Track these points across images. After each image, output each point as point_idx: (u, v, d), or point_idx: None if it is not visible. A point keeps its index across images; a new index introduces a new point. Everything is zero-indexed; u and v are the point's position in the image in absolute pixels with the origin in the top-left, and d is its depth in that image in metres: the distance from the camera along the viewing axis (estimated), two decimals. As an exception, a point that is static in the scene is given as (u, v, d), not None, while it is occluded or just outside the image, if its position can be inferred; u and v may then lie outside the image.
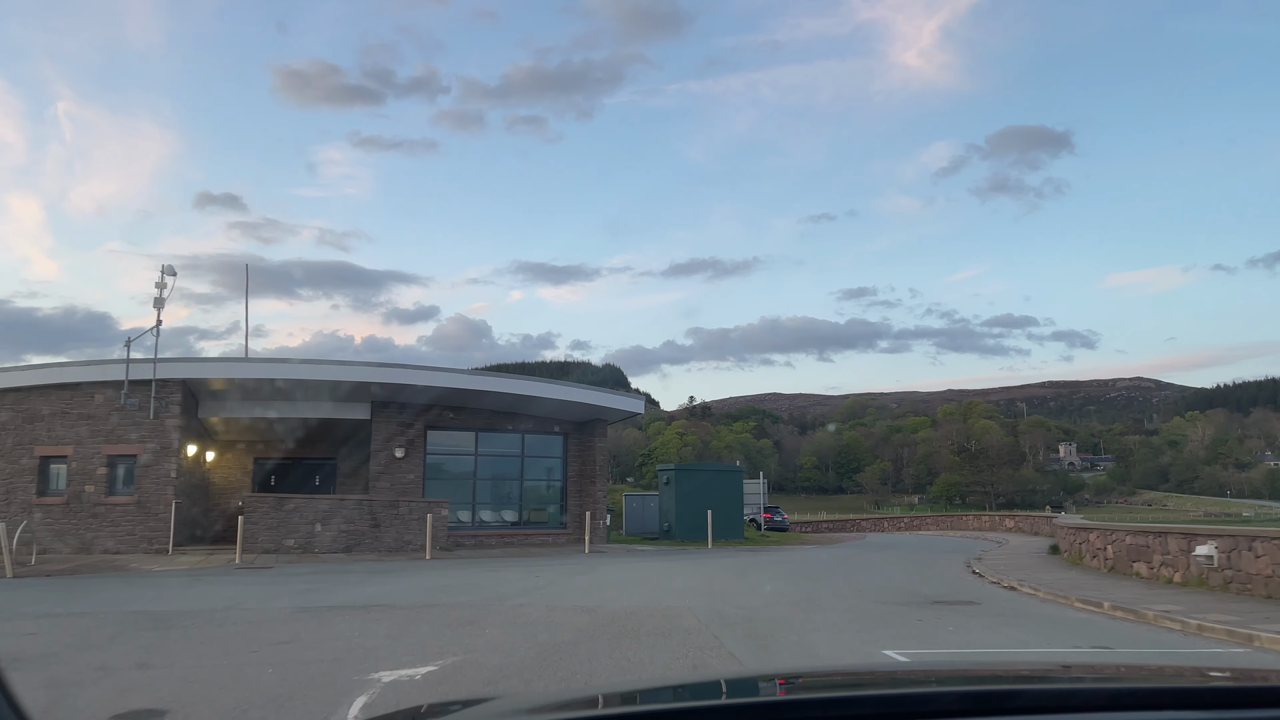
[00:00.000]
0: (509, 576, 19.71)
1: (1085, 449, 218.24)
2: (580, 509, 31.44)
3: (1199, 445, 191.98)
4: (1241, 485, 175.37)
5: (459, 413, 30.49)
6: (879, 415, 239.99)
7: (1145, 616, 12.84)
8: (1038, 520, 39.65)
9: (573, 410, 31.16)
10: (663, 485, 34.88)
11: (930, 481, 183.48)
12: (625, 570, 21.50)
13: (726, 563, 24.15)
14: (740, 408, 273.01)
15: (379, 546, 27.01)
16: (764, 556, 26.94)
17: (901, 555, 27.81)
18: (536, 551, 28.22)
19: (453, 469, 31.03)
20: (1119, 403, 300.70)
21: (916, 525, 49.16)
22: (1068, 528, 23.36)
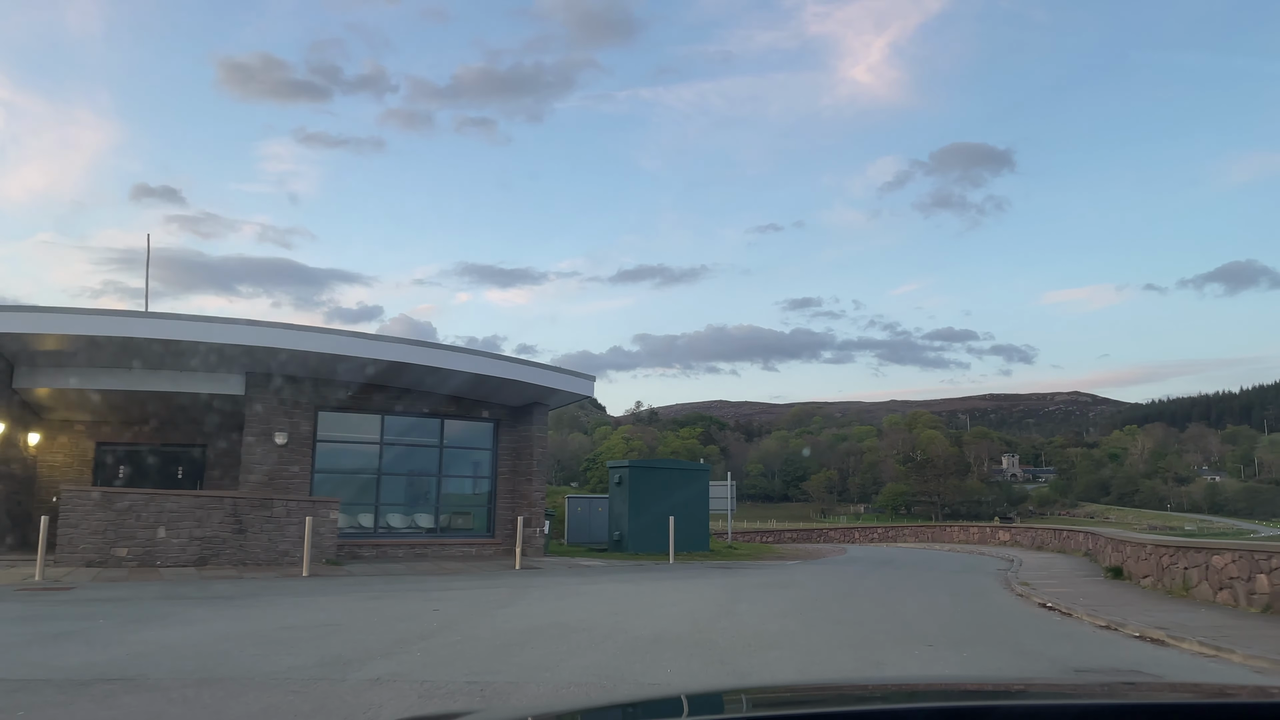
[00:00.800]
0: (395, 610, 13.27)
1: (1027, 461, 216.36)
2: (512, 514, 25.02)
3: (1139, 459, 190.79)
4: (1181, 499, 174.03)
5: (361, 391, 23.88)
6: (825, 424, 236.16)
7: None
8: (1042, 533, 33.98)
9: (506, 391, 24.68)
10: (613, 486, 28.52)
11: (876, 491, 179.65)
12: (565, 598, 15.16)
13: (701, 586, 17.91)
14: (686, 414, 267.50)
15: (244, 558, 20.32)
16: (746, 576, 20.71)
17: (918, 577, 21.78)
18: (453, 567, 21.70)
19: (352, 462, 24.41)
20: (1057, 416, 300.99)
21: (893, 537, 43.64)
22: (1148, 545, 17.39)
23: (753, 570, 22.80)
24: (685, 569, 22.73)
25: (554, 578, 19.54)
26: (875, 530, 45.79)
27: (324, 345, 21.52)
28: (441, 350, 22.39)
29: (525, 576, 19.67)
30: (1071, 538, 30.37)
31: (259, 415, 22.53)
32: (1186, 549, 15.46)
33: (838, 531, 47.64)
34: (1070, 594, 16.51)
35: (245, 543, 20.35)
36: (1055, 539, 32.30)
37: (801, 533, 49.44)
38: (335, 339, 21.77)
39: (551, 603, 14.43)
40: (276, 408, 22.73)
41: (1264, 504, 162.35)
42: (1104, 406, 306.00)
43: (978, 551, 33.83)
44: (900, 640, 10.66)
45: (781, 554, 30.50)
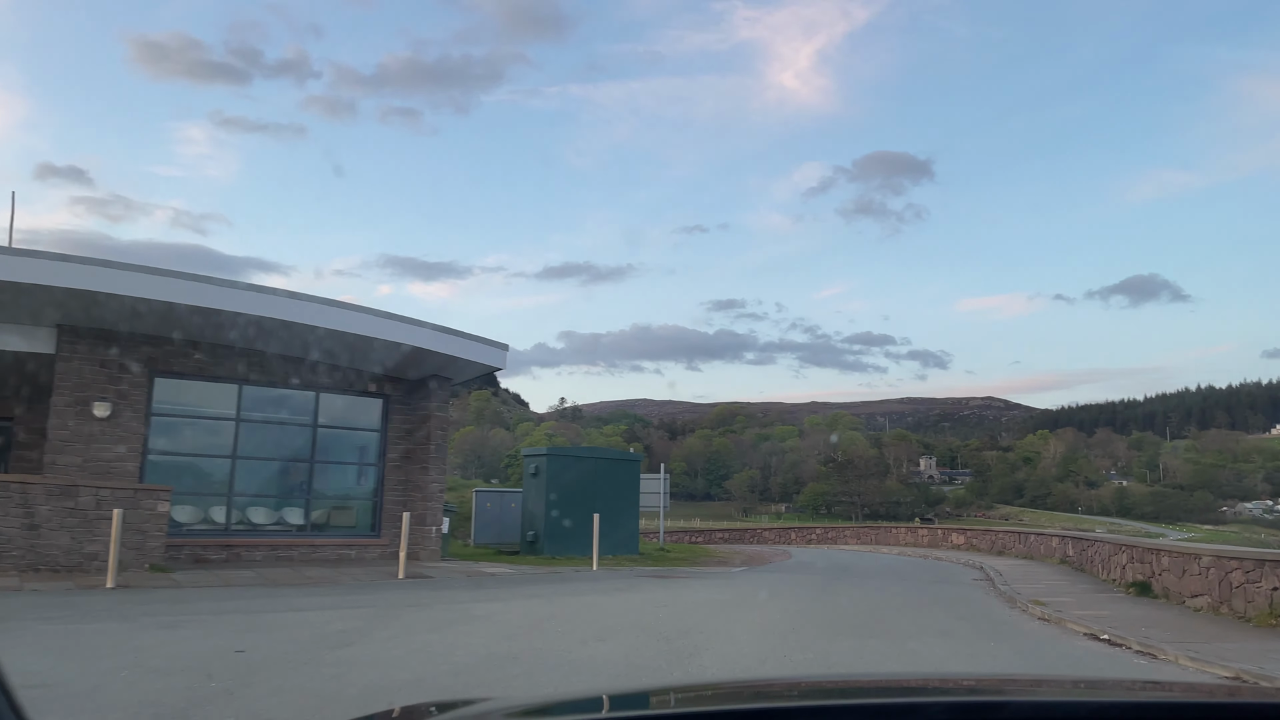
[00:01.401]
0: (178, 651, 8.59)
1: (944, 463, 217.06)
2: (403, 508, 20.31)
3: (1051, 462, 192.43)
4: (1091, 502, 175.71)
5: (211, 352, 18.89)
6: (748, 423, 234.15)
7: None
8: (1003, 536, 30.40)
9: (396, 359, 19.90)
10: (528, 478, 23.89)
11: (798, 490, 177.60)
12: (446, 627, 10.61)
13: (635, 604, 13.50)
14: (611, 412, 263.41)
15: (36, 561, 15.26)
16: (689, 589, 16.34)
17: (897, 591, 17.69)
18: (319, 575, 16.90)
19: (199, 442, 19.39)
20: (972, 420, 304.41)
21: (833, 538, 39.98)
22: (1203, 556, 13.48)
23: (695, 580, 18.47)
24: (612, 578, 18.30)
25: (444, 591, 14.93)
26: (813, 531, 42.06)
27: (160, 290, 16.49)
28: (306, 303, 17.47)
29: (406, 590, 15.02)
30: (1042, 542, 26.79)
31: (72, 380, 17.41)
32: (1273, 564, 11.56)
33: (772, 532, 43.82)
34: (1111, 619, 12.54)
35: (38, 542, 15.30)
36: (1020, 543, 28.72)
37: (732, 533, 45.48)
38: (174, 284, 16.72)
39: (423, 635, 9.89)
40: (97, 371, 17.63)
41: (1169, 508, 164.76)
42: (1016, 412, 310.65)
43: (933, 556, 30.12)
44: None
45: (721, 558, 26.27)
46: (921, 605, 15.16)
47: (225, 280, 17.32)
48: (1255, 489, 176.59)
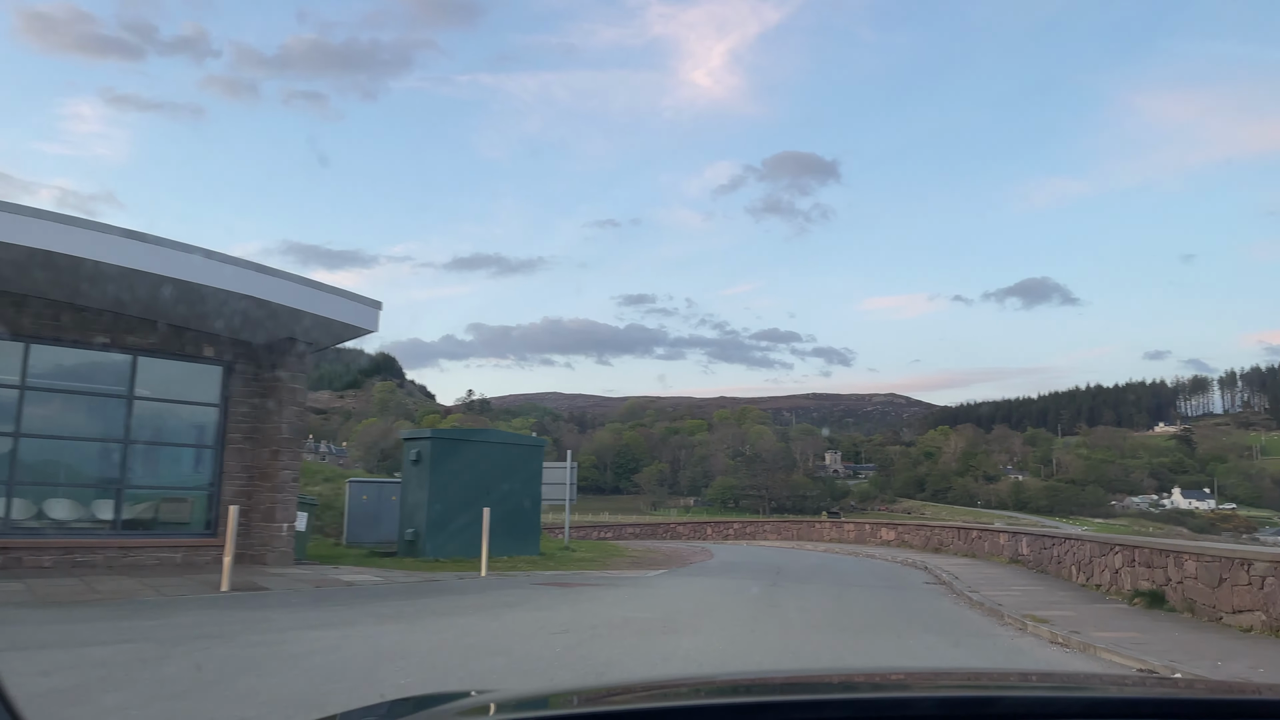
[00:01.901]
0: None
1: (849, 457, 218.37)
2: (248, 502, 16.23)
3: (951, 457, 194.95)
4: (989, 496, 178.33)
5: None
6: (658, 417, 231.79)
7: None
8: (940, 532, 27.63)
9: (238, 315, 15.73)
10: (409, 466, 19.91)
11: (707, 484, 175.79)
12: (230, 685, 6.75)
13: (526, 628, 9.84)
14: (520, 405, 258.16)
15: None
16: (602, 605, 12.69)
17: (851, 600, 14.40)
18: (112, 590, 12.75)
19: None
20: (874, 416, 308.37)
21: (752, 533, 36.93)
22: (1259, 562, 10.45)
23: (605, 589, 14.87)
24: (503, 587, 14.60)
25: (270, 611, 11.00)
26: (730, 526, 38.92)
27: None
28: (104, 235, 13.20)
29: (219, 610, 11.05)
30: (987, 539, 24.03)
31: None
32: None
33: (687, 527, 40.54)
34: (1150, 644, 9.42)
35: None
36: (959, 539, 25.96)
37: (644, 528, 42.10)
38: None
39: (169, 700, 6.06)
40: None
41: (1063, 502, 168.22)
42: (917, 408, 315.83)
43: (863, 554, 27.19)
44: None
45: (635, 557, 22.73)
46: (889, 620, 11.89)
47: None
48: (1141, 484, 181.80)
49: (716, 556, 24.62)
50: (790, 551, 28.86)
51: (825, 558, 25.96)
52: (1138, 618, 11.68)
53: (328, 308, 16.16)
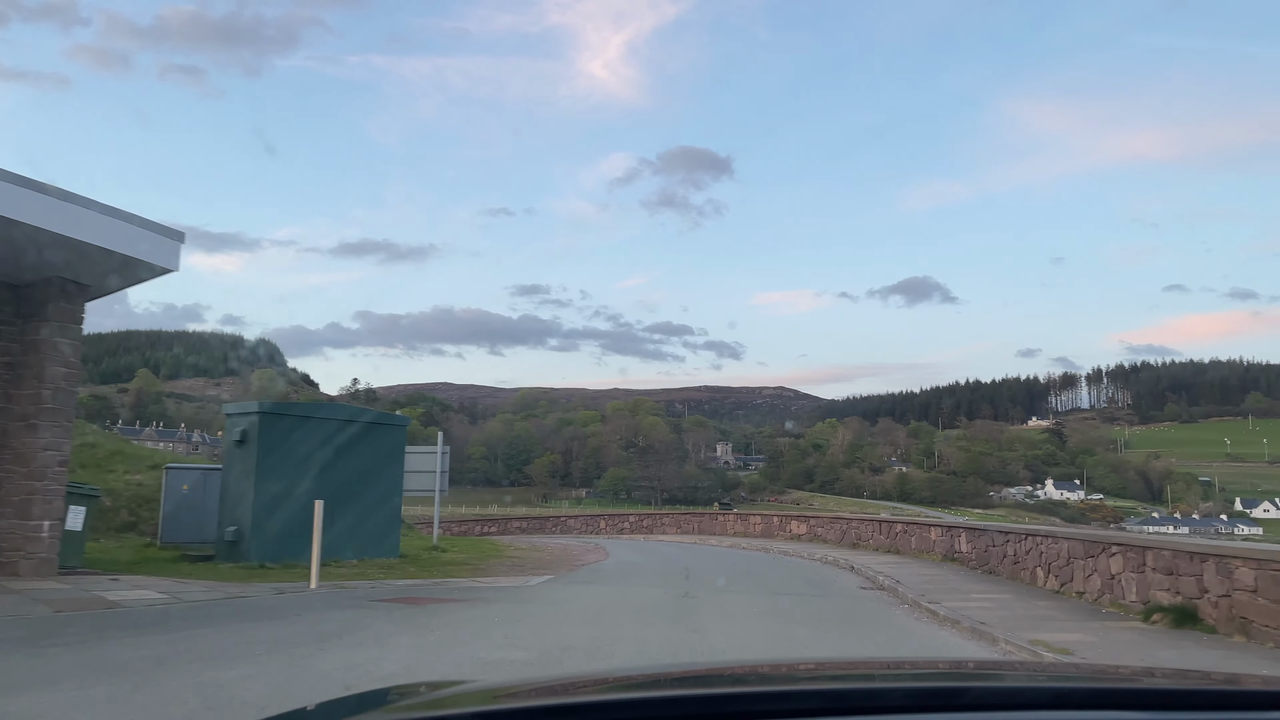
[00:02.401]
0: None
1: (739, 449, 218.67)
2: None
3: (839, 449, 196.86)
4: (875, 487, 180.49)
5: None
6: (550, 408, 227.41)
7: None
8: (859, 525, 24.77)
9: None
10: (232, 448, 15.74)
11: (599, 475, 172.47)
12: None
13: (334, 678, 6.20)
14: (409, 395, 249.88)
15: None
16: (453, 640, 8.90)
17: (795, 615, 11.07)
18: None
19: None
20: (764, 409, 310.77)
21: (649, 527, 33.60)
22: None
23: (468, 610, 11.16)
24: (330, 608, 10.76)
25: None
26: (626, 518, 35.50)
27: None
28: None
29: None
30: (913, 533, 21.27)
31: None
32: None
33: (579, 520, 36.99)
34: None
35: None
36: (882, 534, 23.17)
37: (533, 522, 38.37)
38: None
39: None
40: None
41: (945, 493, 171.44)
42: (805, 401, 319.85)
43: (775, 549, 24.18)
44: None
45: (516, 559, 19.04)
46: (855, 647, 8.62)
47: None
48: (1018, 475, 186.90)
49: (612, 555, 21.16)
50: (695, 549, 25.63)
51: (736, 556, 22.79)
52: (1179, 643, 8.69)
53: (106, 235, 11.96)
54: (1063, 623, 10.21)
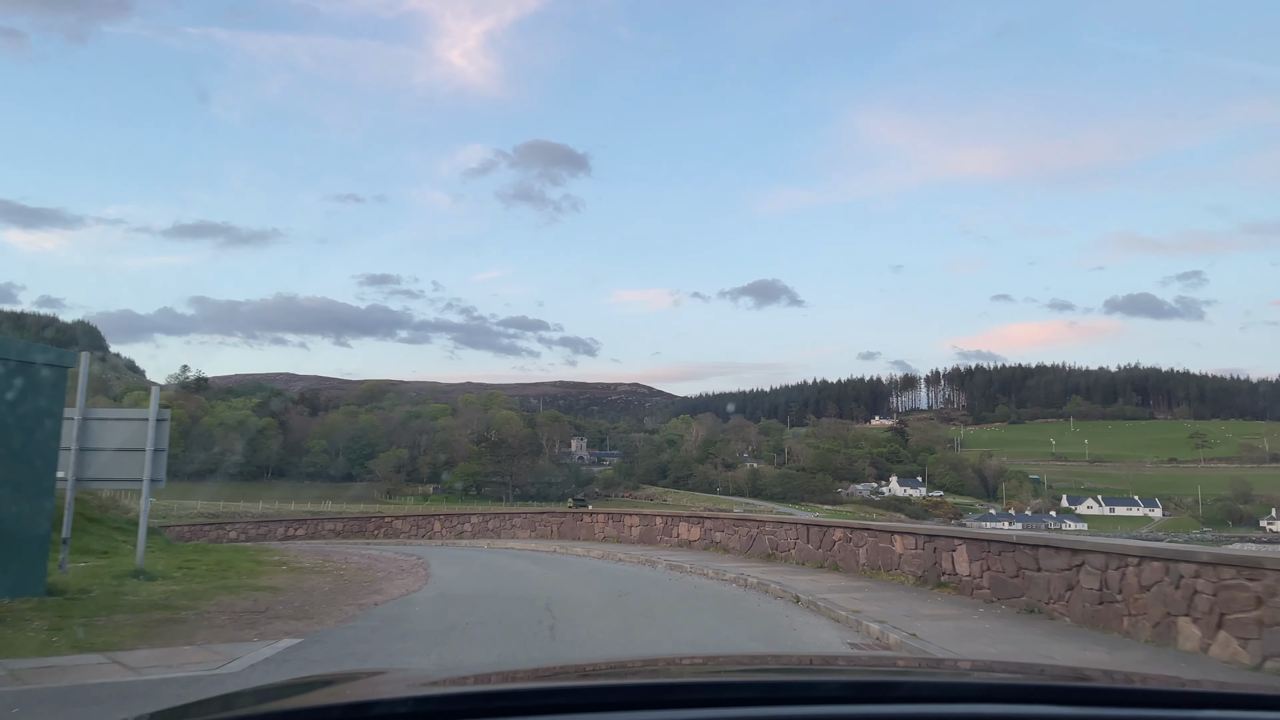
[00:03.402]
0: None
1: (594, 444, 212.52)
2: None
3: (693, 445, 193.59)
4: (728, 483, 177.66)
5: None
6: (398, 400, 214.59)
7: None
8: (775, 530, 18.26)
9: None
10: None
11: (449, 470, 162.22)
12: None
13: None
14: (245, 384, 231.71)
15: None
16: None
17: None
18: None
19: None
20: (619, 405, 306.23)
21: (495, 529, 26.30)
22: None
23: None
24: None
25: None
26: (468, 519, 27.90)
27: None
28: None
29: None
30: (862, 543, 14.89)
31: None
32: None
33: (408, 521, 29.13)
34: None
35: None
36: (813, 544, 16.76)
37: (352, 523, 30.37)
38: None
39: None
40: None
41: (796, 489, 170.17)
42: (659, 398, 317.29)
43: (667, 563, 17.51)
44: None
45: (270, 592, 11.47)
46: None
47: None
48: (864, 472, 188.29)
49: (435, 578, 13.91)
50: (556, 562, 18.63)
51: (617, 576, 15.89)
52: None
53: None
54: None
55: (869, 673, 1.98)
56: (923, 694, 1.63)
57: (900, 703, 1.55)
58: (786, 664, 2.31)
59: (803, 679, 1.81)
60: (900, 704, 1.54)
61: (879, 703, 1.53)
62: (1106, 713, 1.54)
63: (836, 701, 1.50)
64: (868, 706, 1.50)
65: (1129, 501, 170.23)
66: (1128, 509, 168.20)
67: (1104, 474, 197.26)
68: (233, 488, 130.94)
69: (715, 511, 24.49)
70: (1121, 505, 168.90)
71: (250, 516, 37.46)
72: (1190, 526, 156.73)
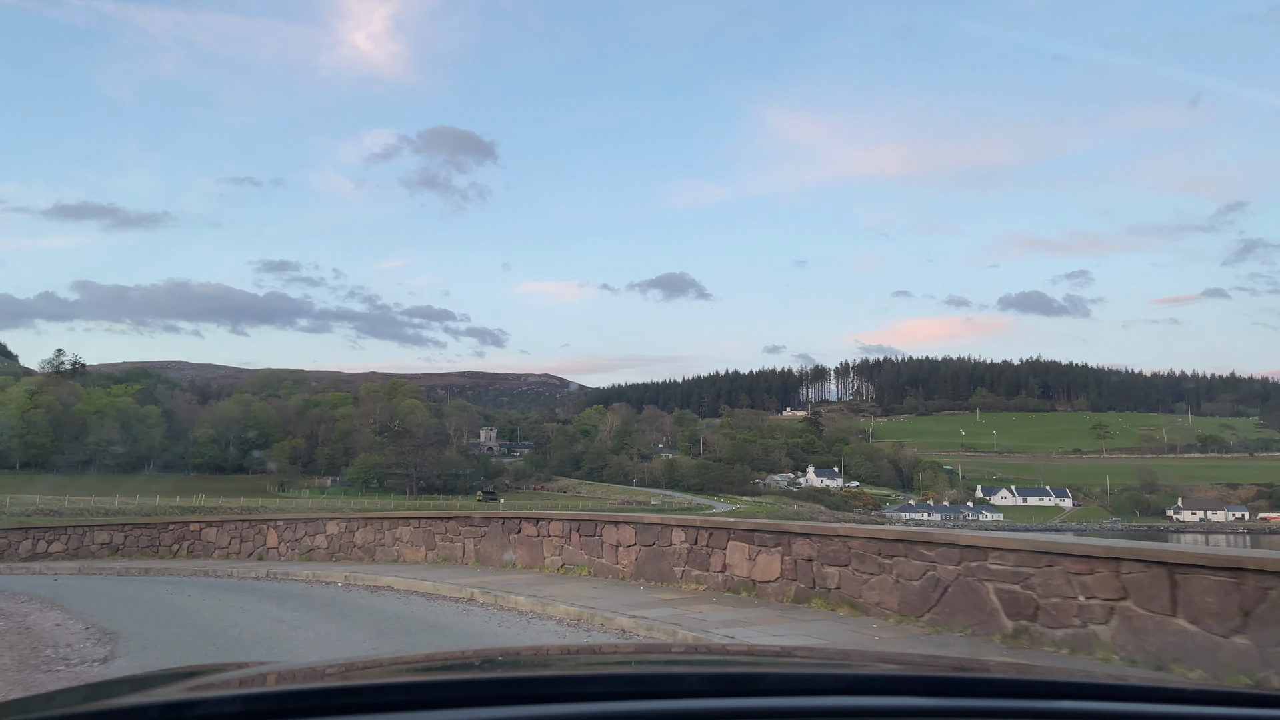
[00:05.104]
0: None
1: (504, 435, 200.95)
2: None
3: (607, 435, 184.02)
4: (644, 474, 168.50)
5: None
6: (296, 389, 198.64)
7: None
8: (840, 546, 8.20)
9: None
10: None
11: (348, 462, 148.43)
12: None
13: None
14: (128, 371, 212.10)
15: None
16: None
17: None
18: None
19: None
20: (529, 396, 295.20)
21: (368, 545, 15.73)
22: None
23: None
24: None
25: None
26: (324, 526, 16.34)
27: None
28: None
29: None
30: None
31: None
32: None
33: (227, 531, 16.92)
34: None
35: None
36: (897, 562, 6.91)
37: (142, 532, 18.62)
38: None
39: None
40: None
41: (713, 480, 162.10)
42: (569, 389, 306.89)
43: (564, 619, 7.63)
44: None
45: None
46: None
47: None
48: (780, 463, 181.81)
49: None
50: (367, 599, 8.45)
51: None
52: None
53: None
54: None
55: (732, 664, 1.96)
56: (786, 686, 1.56)
57: (764, 695, 1.47)
58: (649, 653, 2.26)
59: (665, 672, 1.76)
60: (764, 697, 1.46)
61: (743, 695, 1.47)
62: (971, 704, 1.51)
63: (700, 695, 1.45)
64: (732, 701, 1.44)
65: (1041, 492, 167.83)
66: (1040, 499, 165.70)
67: (1013, 464, 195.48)
68: (105, 480, 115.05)
69: (806, 524, 14.25)
70: (1034, 495, 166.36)
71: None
72: (1100, 516, 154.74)
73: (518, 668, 1.88)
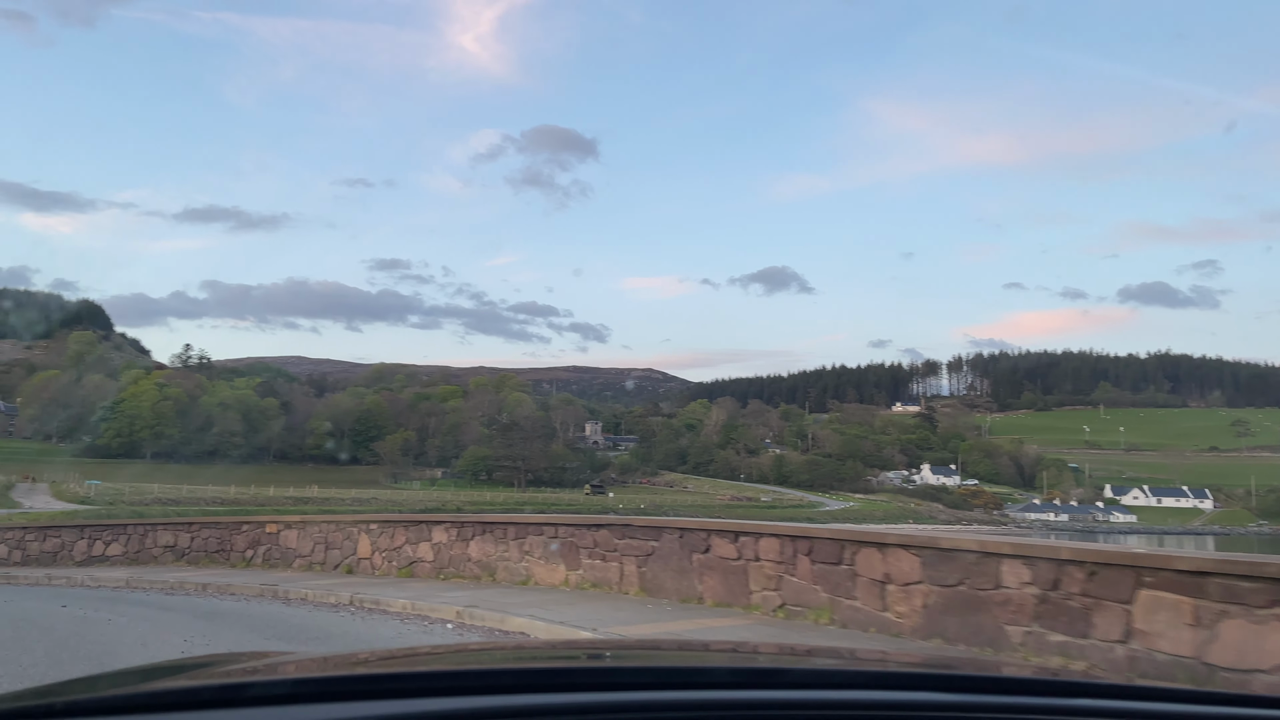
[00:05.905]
0: None
1: (609, 429, 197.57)
2: None
3: (713, 430, 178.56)
4: (751, 469, 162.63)
5: None
6: (407, 382, 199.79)
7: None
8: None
9: None
10: None
11: (458, 454, 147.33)
12: None
13: None
14: (249, 365, 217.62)
15: None
16: None
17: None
18: None
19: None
20: (633, 390, 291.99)
21: (487, 561, 11.70)
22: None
23: None
24: None
25: None
26: (431, 532, 12.59)
27: None
28: None
29: None
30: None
31: None
32: None
33: (309, 537, 13.55)
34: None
35: None
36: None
37: (212, 534, 15.35)
38: None
39: None
40: None
41: (824, 476, 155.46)
42: (673, 384, 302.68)
43: None
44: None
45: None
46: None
47: None
48: (893, 459, 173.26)
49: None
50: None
51: None
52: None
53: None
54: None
55: (760, 659, 1.99)
56: (810, 681, 1.59)
57: (788, 689, 1.50)
58: (682, 648, 2.22)
59: (694, 665, 1.77)
60: (788, 690, 1.49)
61: (768, 689, 1.49)
62: (989, 700, 1.52)
63: (726, 687, 1.47)
64: (756, 693, 1.46)
65: (1177, 492, 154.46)
66: (1176, 500, 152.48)
67: (1143, 463, 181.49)
68: (226, 470, 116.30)
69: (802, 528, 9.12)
70: (1169, 496, 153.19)
71: (80, 519, 23.20)
72: (1245, 519, 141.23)
73: (539, 659, 1.90)
